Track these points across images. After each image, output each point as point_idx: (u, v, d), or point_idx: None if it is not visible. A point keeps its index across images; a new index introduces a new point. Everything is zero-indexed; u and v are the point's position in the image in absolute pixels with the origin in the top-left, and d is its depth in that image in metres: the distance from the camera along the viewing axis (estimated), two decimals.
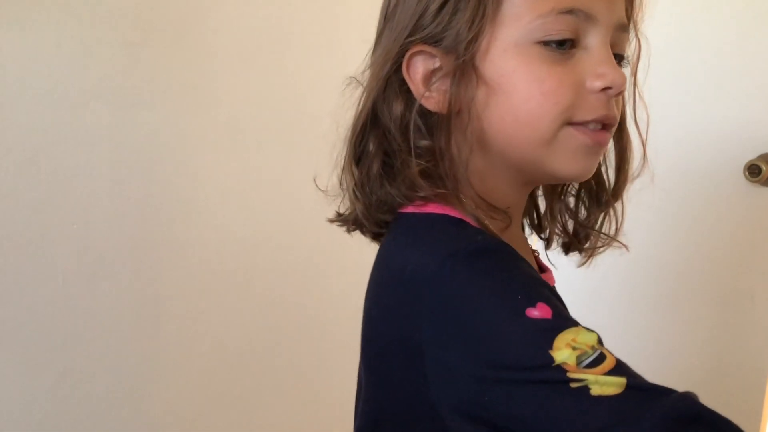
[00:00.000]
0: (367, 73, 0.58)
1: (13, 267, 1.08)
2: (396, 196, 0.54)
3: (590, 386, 0.41)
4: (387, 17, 0.56)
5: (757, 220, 1.42)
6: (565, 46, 0.51)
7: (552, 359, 0.42)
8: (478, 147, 0.54)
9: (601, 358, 0.42)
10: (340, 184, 0.60)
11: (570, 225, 0.65)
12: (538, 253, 0.68)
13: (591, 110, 0.52)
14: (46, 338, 1.13)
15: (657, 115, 1.47)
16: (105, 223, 1.17)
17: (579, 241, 0.66)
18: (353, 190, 0.58)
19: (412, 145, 0.53)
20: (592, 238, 0.66)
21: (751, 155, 1.38)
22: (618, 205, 0.66)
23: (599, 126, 0.54)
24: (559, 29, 0.50)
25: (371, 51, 0.60)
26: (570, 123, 0.52)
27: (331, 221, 0.64)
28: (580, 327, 0.44)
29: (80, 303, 1.16)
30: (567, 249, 0.68)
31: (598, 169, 0.61)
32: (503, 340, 0.44)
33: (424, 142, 0.53)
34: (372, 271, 0.59)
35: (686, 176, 1.47)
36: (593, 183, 0.63)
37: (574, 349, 0.42)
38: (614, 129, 0.56)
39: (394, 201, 0.55)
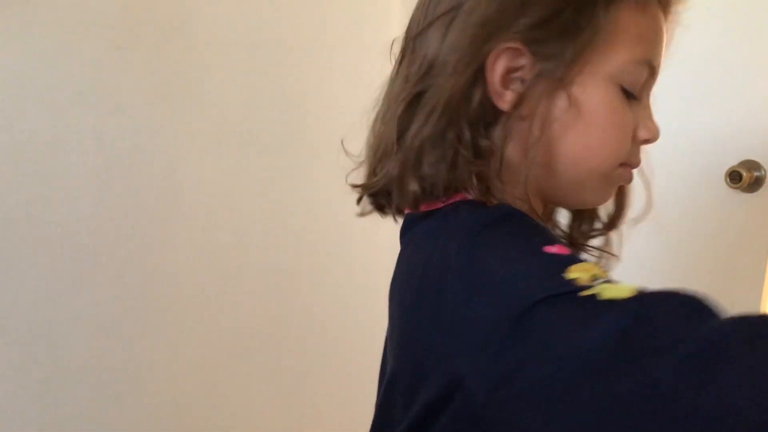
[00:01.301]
0: (411, 43, 0.56)
1: None
2: (446, 182, 0.53)
3: (601, 293, 0.40)
4: (460, 2, 0.52)
5: (738, 226, 1.43)
6: (628, 95, 0.55)
7: (564, 278, 0.41)
8: (541, 161, 0.53)
9: (613, 281, 0.42)
10: (381, 156, 0.57)
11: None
12: None
13: (636, 157, 0.60)
14: (30, 341, 1.12)
15: None
16: (89, 226, 1.17)
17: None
18: (405, 161, 0.53)
19: (472, 142, 0.52)
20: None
21: (732, 162, 1.40)
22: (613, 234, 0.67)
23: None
24: (639, 78, 0.55)
25: (415, 13, 0.57)
26: (624, 164, 0.58)
27: (354, 186, 0.61)
28: (591, 265, 0.44)
29: (64, 306, 1.15)
30: None
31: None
32: (522, 275, 0.43)
33: (485, 142, 0.52)
34: (399, 265, 0.59)
35: (667, 182, 1.48)
36: (589, 210, 0.66)
37: (588, 272, 0.42)
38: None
39: (441, 187, 0.53)
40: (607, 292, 0.40)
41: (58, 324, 1.15)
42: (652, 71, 0.56)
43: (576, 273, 0.42)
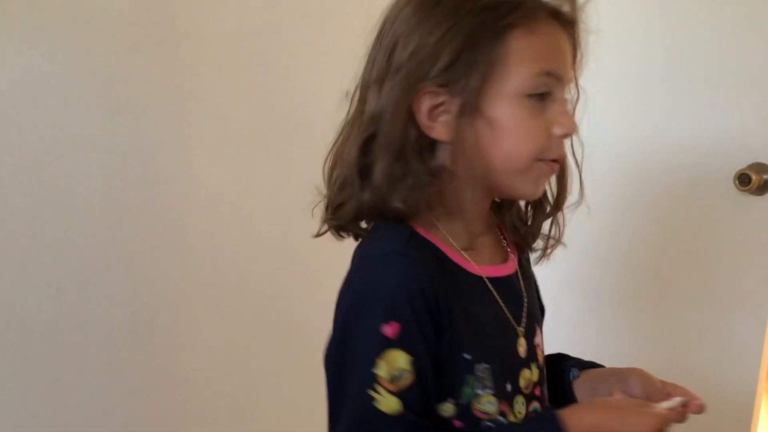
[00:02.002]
0: (370, 98, 0.69)
1: (7, 274, 1.08)
2: (399, 205, 0.67)
3: (378, 399, 0.60)
4: (392, 58, 0.67)
5: (747, 228, 1.43)
6: (541, 98, 0.67)
7: (371, 371, 0.61)
8: (476, 171, 0.69)
9: (400, 378, 0.61)
10: (340, 187, 0.71)
11: (522, 230, 0.79)
12: (509, 248, 0.79)
13: (554, 151, 0.69)
14: (39, 345, 1.12)
15: (648, 123, 1.49)
16: (99, 229, 1.17)
17: (528, 242, 0.79)
18: (361, 195, 0.68)
19: (427, 168, 0.66)
20: (539, 240, 0.79)
21: (741, 164, 1.39)
22: (560, 215, 0.78)
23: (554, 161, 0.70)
24: (541, 86, 0.67)
25: (363, 70, 0.72)
26: (540, 159, 0.68)
27: (325, 221, 0.75)
28: (404, 352, 0.61)
29: (74, 310, 1.16)
30: (522, 250, 0.81)
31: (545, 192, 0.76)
32: (355, 341, 0.65)
33: (436, 163, 0.67)
34: None
35: (677, 185, 1.48)
36: (539, 198, 0.77)
37: (389, 366, 0.61)
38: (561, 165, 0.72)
39: (396, 210, 0.67)
40: (382, 403, 0.60)
41: (69, 324, 1.15)
42: (556, 78, 0.67)
43: (381, 367, 0.60)
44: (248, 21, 1.34)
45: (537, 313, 0.79)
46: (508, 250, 0.78)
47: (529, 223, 0.79)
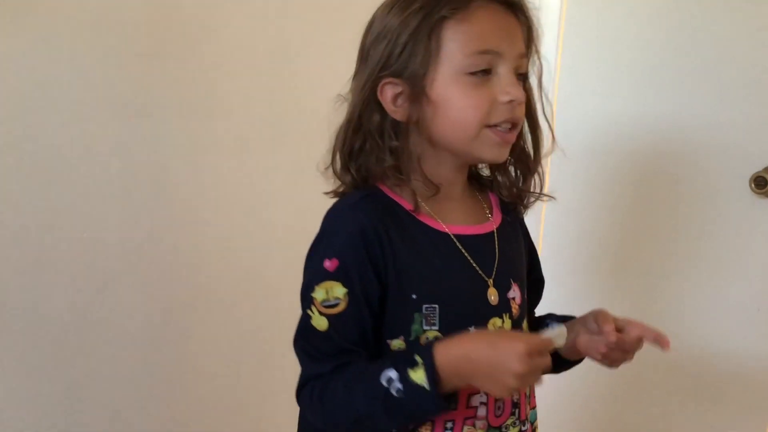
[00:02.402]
0: (350, 95, 0.83)
1: (25, 277, 1.09)
2: (355, 175, 0.81)
3: (313, 317, 0.75)
4: (362, 58, 0.81)
5: (763, 231, 1.42)
6: (484, 74, 0.76)
7: (309, 294, 0.76)
8: (429, 145, 0.80)
9: (336, 305, 0.74)
10: (333, 170, 0.84)
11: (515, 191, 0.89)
12: (491, 214, 0.88)
13: (500, 115, 0.77)
14: (56, 347, 1.14)
15: (664, 125, 1.49)
16: (115, 231, 1.18)
17: (522, 201, 0.89)
18: (346, 173, 0.82)
19: (386, 145, 0.78)
20: (527, 196, 0.89)
21: (757, 167, 1.39)
22: (540, 170, 0.88)
23: (509, 126, 0.78)
24: (479, 64, 0.76)
25: (352, 78, 0.84)
26: (487, 126, 0.77)
27: (327, 193, 0.85)
28: (341, 284, 0.74)
29: (92, 310, 1.17)
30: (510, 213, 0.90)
31: (525, 151, 0.86)
32: (306, 273, 0.80)
33: (394, 143, 0.78)
34: None
35: (692, 187, 1.48)
36: (523, 160, 0.87)
37: (327, 293, 0.74)
38: (519, 128, 0.80)
39: (355, 180, 0.82)
40: (314, 320, 0.76)
41: (86, 327, 1.16)
42: (496, 54, 0.76)
43: (318, 292, 0.75)
44: (263, 25, 1.35)
45: (516, 270, 0.86)
46: (489, 215, 0.87)
47: (520, 184, 0.88)
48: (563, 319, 0.88)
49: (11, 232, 1.07)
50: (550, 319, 0.90)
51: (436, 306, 0.76)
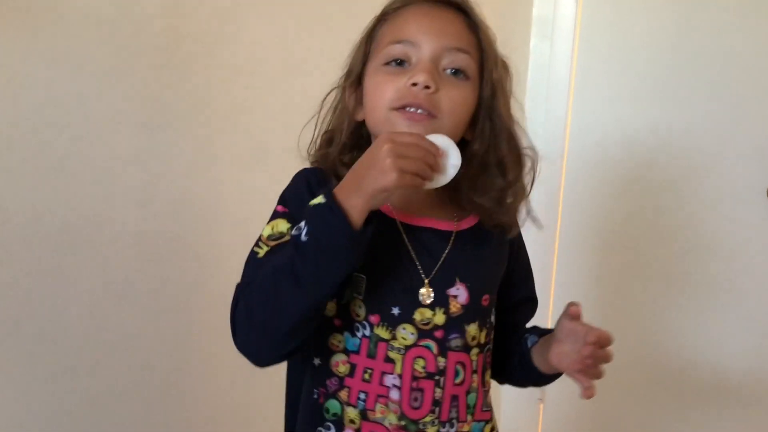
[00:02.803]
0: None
1: (43, 289, 1.11)
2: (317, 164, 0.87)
3: (258, 252, 0.77)
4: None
5: None
6: (398, 64, 0.78)
7: (261, 232, 0.79)
8: (372, 129, 0.83)
9: (281, 238, 0.77)
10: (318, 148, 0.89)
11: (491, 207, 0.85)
12: (456, 213, 0.85)
13: (403, 99, 0.76)
14: (74, 360, 1.15)
15: (680, 135, 1.49)
16: (133, 244, 1.19)
17: (501, 222, 0.85)
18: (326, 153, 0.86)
19: (343, 140, 0.84)
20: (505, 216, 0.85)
21: None
22: (521, 187, 0.84)
23: (424, 112, 0.76)
24: (392, 53, 0.79)
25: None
26: (393, 108, 0.77)
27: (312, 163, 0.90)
28: (285, 220, 0.78)
29: (112, 317, 1.18)
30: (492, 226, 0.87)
31: (502, 162, 0.83)
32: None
33: (352, 140, 0.84)
34: None
35: (708, 198, 1.48)
36: (497, 173, 0.83)
37: (272, 229, 0.78)
38: (438, 117, 0.77)
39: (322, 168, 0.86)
40: (260, 252, 0.77)
41: (101, 344, 1.17)
42: (410, 43, 0.78)
43: (266, 229, 0.79)
44: (277, 36, 1.36)
45: (470, 273, 0.82)
46: (455, 217, 0.85)
47: (483, 197, 0.84)
48: (544, 333, 0.86)
49: (29, 241, 1.09)
50: (531, 332, 0.88)
51: (365, 277, 0.77)
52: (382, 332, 0.77)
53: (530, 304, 0.94)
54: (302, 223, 0.69)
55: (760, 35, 1.41)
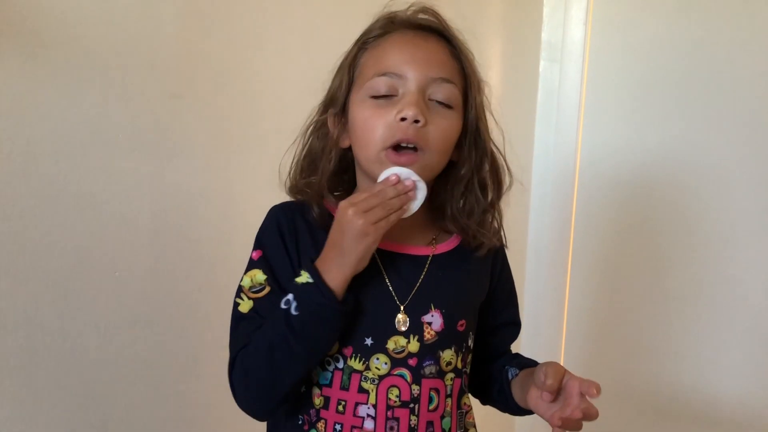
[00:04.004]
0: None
1: (54, 316, 1.10)
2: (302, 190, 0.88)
3: (240, 303, 0.80)
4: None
5: None
6: (387, 98, 0.77)
7: (240, 284, 0.81)
8: (358, 167, 0.83)
9: (261, 290, 0.80)
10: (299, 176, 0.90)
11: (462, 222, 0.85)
12: (435, 236, 0.86)
13: (392, 135, 0.75)
14: (85, 387, 1.14)
15: (691, 159, 1.48)
16: (145, 271, 1.19)
17: (469, 235, 0.85)
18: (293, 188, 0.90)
19: (325, 167, 0.84)
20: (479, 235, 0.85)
21: None
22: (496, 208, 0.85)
23: (412, 147, 0.76)
24: (379, 87, 0.77)
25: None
26: (386, 148, 0.76)
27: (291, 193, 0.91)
28: (261, 271, 0.80)
29: (120, 352, 1.17)
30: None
31: (483, 183, 0.84)
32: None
33: (330, 167, 0.84)
34: None
35: (721, 219, 1.46)
36: (478, 195, 0.84)
37: (251, 280, 0.80)
38: (427, 151, 0.76)
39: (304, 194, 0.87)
40: (241, 306, 0.80)
41: (113, 371, 1.17)
42: (396, 76, 0.77)
43: (245, 280, 0.81)
44: (290, 63, 1.36)
45: (445, 298, 0.82)
46: (434, 241, 0.85)
47: (468, 218, 0.84)
48: (525, 365, 0.85)
49: (41, 269, 1.09)
50: (512, 364, 0.87)
51: None
52: (355, 364, 0.78)
53: (511, 327, 0.94)
54: (290, 297, 0.73)
55: None
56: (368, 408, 0.77)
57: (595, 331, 1.23)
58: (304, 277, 0.74)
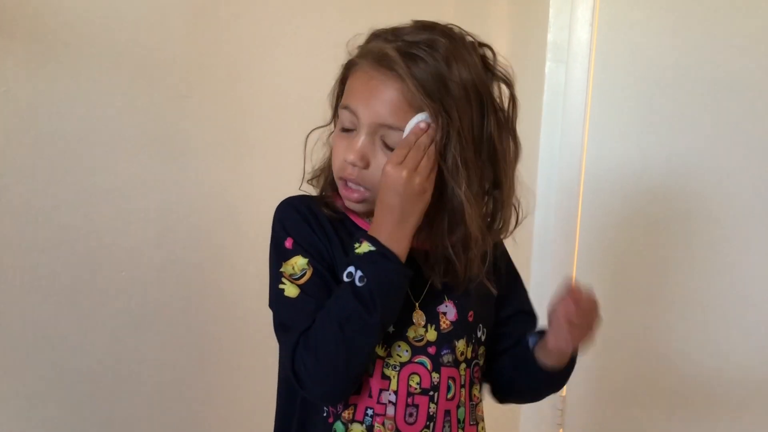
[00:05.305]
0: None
1: (63, 317, 1.11)
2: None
3: (285, 289, 0.78)
4: None
5: None
6: (349, 132, 0.79)
7: (279, 270, 0.79)
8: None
9: (304, 274, 0.78)
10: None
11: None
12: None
13: (340, 171, 0.80)
14: (93, 386, 1.15)
15: (698, 162, 1.47)
16: (153, 270, 1.20)
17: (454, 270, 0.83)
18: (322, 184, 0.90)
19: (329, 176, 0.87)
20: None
21: None
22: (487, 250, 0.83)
23: (351, 183, 0.80)
24: (343, 120, 0.80)
25: None
26: (339, 179, 0.81)
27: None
28: (300, 255, 0.79)
29: (126, 351, 1.18)
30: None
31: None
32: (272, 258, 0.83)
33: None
34: None
35: (728, 227, 1.46)
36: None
37: (293, 267, 0.79)
38: (369, 192, 0.79)
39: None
40: (288, 290, 0.78)
41: (121, 370, 1.17)
42: (351, 112, 0.78)
43: (286, 267, 0.79)
44: (295, 67, 1.37)
45: (456, 291, 0.84)
46: None
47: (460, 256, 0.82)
48: (543, 333, 0.87)
49: (49, 268, 1.09)
50: (530, 334, 0.89)
51: None
52: (378, 350, 0.79)
53: (521, 315, 0.94)
54: (351, 270, 0.74)
55: None
56: (390, 394, 0.79)
57: (599, 333, 1.22)
58: (365, 247, 0.74)
